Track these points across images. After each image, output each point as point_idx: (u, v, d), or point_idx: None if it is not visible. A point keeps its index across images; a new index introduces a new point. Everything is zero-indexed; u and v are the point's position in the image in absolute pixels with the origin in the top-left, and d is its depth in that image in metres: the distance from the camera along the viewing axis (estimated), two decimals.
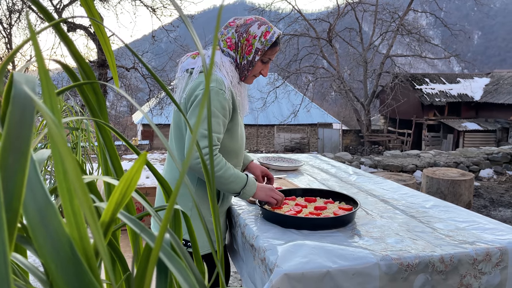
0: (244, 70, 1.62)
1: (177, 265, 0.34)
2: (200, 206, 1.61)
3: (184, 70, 1.63)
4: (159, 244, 0.26)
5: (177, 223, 0.61)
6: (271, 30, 1.59)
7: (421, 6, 20.53)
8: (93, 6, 0.64)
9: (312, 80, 19.98)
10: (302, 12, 19.68)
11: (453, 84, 20.36)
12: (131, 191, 0.32)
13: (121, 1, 13.15)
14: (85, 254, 0.31)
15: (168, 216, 0.26)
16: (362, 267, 1.23)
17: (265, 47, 1.58)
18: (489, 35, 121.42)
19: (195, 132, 0.26)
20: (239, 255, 1.71)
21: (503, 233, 1.48)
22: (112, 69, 0.72)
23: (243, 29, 1.57)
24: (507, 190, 5.91)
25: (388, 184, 2.20)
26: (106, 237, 0.37)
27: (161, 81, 0.56)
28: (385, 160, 6.61)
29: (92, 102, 0.51)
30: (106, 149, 0.54)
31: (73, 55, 0.50)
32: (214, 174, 1.56)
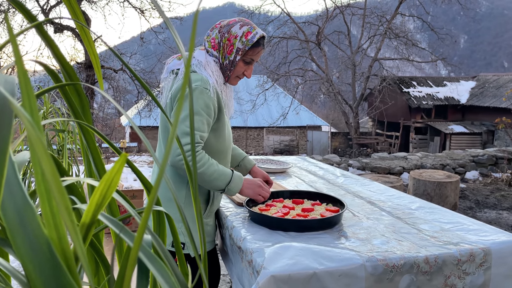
0: (227, 70, 1.63)
1: (158, 267, 0.34)
2: (190, 207, 1.60)
3: (169, 71, 1.63)
4: (138, 244, 0.26)
5: (161, 225, 0.60)
6: (253, 31, 1.60)
7: (408, 10, 20.81)
8: (77, 7, 0.63)
9: (301, 82, 20.07)
10: (291, 15, 19.78)
11: (440, 87, 20.65)
12: (112, 192, 0.32)
13: (109, 2, 13.05)
14: (64, 255, 0.31)
15: (146, 217, 0.26)
16: (348, 268, 1.24)
17: (246, 47, 1.58)
18: (475, 39, 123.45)
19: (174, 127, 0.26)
20: (229, 257, 1.71)
21: (487, 234, 1.50)
22: (97, 70, 0.71)
23: (226, 29, 1.59)
24: (492, 192, 6.00)
25: (375, 186, 2.22)
26: (87, 239, 0.37)
27: (146, 85, 0.56)
28: (373, 162, 6.67)
29: (75, 103, 0.51)
30: (89, 151, 0.54)
31: (55, 56, 0.50)
32: (196, 171, 1.54)
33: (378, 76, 19.28)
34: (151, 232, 0.38)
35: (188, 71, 0.26)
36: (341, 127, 26.11)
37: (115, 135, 21.44)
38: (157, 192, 0.29)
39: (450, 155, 7.48)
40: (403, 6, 19.66)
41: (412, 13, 20.67)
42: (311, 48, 19.31)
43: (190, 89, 0.31)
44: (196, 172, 0.40)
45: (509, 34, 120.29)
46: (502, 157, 7.29)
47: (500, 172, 7.03)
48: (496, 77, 20.56)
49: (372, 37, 19.74)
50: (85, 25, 0.63)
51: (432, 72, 50.41)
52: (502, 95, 16.88)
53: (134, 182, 5.84)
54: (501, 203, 5.45)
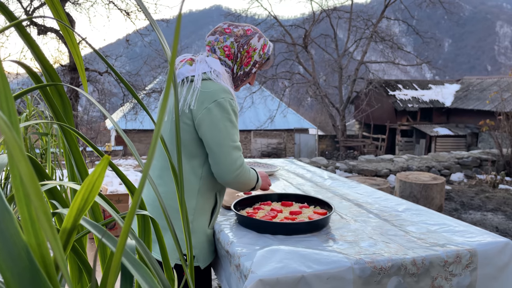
0: (238, 80, 1.62)
1: (142, 272, 0.33)
2: (199, 217, 1.56)
3: (182, 78, 1.53)
4: (121, 249, 0.25)
5: (147, 230, 0.59)
6: (267, 43, 1.63)
7: (394, 14, 21.08)
8: (60, 8, 0.62)
9: (288, 85, 20.15)
10: (278, 18, 19.86)
11: (425, 90, 20.94)
12: (94, 196, 0.31)
13: (94, 4, 12.91)
14: (44, 262, 0.29)
15: (129, 221, 0.25)
16: (336, 271, 1.24)
17: (263, 60, 1.62)
18: (459, 43, 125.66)
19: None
20: (218, 261, 1.69)
21: (473, 235, 1.52)
22: (81, 72, 0.70)
23: (244, 41, 1.56)
24: (476, 194, 6.09)
25: (362, 188, 2.23)
26: (69, 244, 0.35)
27: (132, 90, 0.55)
28: (360, 164, 6.71)
29: (56, 105, 0.50)
30: (72, 154, 0.53)
31: (36, 56, 0.48)
32: (247, 180, 1.53)
33: (364, 79, 19.47)
34: (135, 237, 0.37)
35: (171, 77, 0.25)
36: (328, 130, 26.26)
37: (100, 138, 21.20)
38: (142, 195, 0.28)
39: (436, 157, 7.58)
40: (388, 10, 19.92)
41: (397, 17, 20.95)
42: (298, 51, 19.41)
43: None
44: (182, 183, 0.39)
45: (492, 38, 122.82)
46: (486, 159, 7.42)
47: (484, 174, 7.14)
48: (479, 80, 20.95)
49: (358, 40, 19.94)
50: (69, 25, 0.61)
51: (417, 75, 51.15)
52: (486, 98, 17.19)
53: (120, 186, 5.77)
54: (485, 204, 5.53)
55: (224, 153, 1.46)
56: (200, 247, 1.56)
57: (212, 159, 1.48)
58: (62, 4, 12.11)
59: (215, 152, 1.47)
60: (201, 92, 1.47)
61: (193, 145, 1.51)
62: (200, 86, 1.48)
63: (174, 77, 0.36)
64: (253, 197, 1.84)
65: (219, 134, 1.45)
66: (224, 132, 1.45)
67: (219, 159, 1.46)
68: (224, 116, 1.46)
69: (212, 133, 1.45)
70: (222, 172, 1.47)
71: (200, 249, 1.56)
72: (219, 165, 1.47)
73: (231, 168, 1.47)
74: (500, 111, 7.66)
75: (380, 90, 19.45)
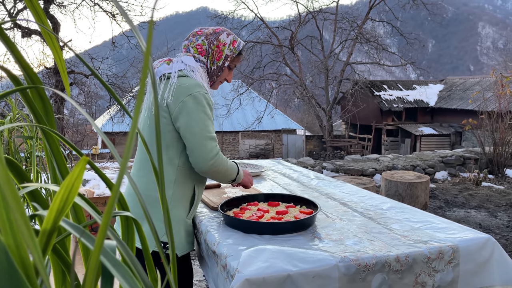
0: (214, 75, 1.73)
1: (123, 272, 0.33)
2: (176, 207, 1.62)
3: (160, 75, 1.66)
4: (99, 248, 0.26)
5: (130, 229, 0.59)
6: (237, 40, 1.76)
7: (378, 15, 21.35)
8: (41, 11, 0.62)
9: (275, 87, 20.21)
10: (265, 20, 19.92)
11: (410, 91, 21.22)
12: (73, 197, 0.32)
13: (79, 6, 12.76)
14: (23, 264, 0.30)
15: (106, 221, 0.26)
16: (321, 269, 1.25)
17: (234, 54, 1.73)
18: (442, 44, 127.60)
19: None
20: (205, 262, 1.69)
21: (455, 232, 1.55)
22: (63, 75, 0.70)
23: (213, 37, 1.70)
24: (460, 191, 6.20)
25: (348, 187, 2.25)
26: (49, 246, 0.36)
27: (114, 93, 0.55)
28: (346, 164, 6.77)
29: (37, 108, 0.50)
30: (53, 156, 0.53)
31: (16, 59, 0.48)
32: (224, 169, 1.59)
33: (350, 80, 19.65)
34: (115, 236, 0.37)
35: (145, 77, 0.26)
36: (316, 130, 26.40)
37: (87, 141, 20.96)
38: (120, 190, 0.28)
39: (420, 156, 7.69)
40: (373, 11, 20.14)
41: (382, 19, 21.22)
42: (284, 53, 19.49)
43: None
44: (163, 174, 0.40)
45: (474, 39, 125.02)
46: (469, 157, 7.55)
47: (467, 172, 7.27)
48: (462, 80, 21.31)
49: (344, 41, 20.12)
50: (50, 30, 0.61)
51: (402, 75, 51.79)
52: (469, 97, 17.50)
53: (107, 189, 5.71)
54: (469, 202, 5.63)
55: (200, 142, 1.55)
56: (175, 236, 1.64)
57: (189, 149, 1.57)
58: (47, 6, 11.95)
59: (191, 142, 1.56)
60: (177, 87, 1.58)
61: (169, 137, 1.60)
62: (176, 82, 1.59)
63: (154, 77, 0.37)
64: (240, 197, 1.85)
65: (194, 124, 1.55)
66: (199, 123, 1.55)
67: (195, 148, 1.55)
68: (199, 108, 1.56)
69: (188, 124, 1.55)
70: (198, 161, 1.56)
71: (175, 237, 1.64)
72: (195, 154, 1.56)
73: (207, 156, 1.55)
74: (482, 110, 7.82)
75: (365, 91, 19.64)
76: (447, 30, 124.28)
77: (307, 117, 28.82)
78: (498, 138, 7.41)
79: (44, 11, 8.53)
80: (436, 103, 20.36)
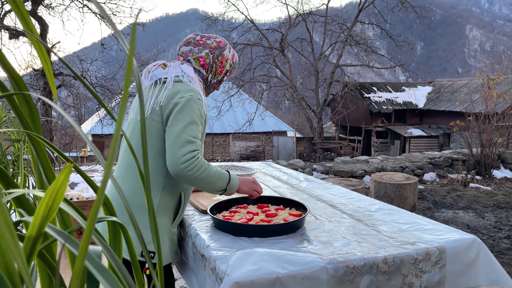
0: (211, 88, 1.78)
1: (108, 278, 0.34)
2: (161, 215, 1.60)
3: (155, 80, 1.65)
4: (83, 254, 0.26)
5: (117, 235, 0.60)
6: (235, 54, 1.82)
7: (368, 18, 21.51)
8: (27, 15, 0.62)
9: (266, 89, 20.25)
10: (255, 22, 19.96)
11: (399, 93, 21.43)
12: (58, 203, 0.32)
13: (68, 7, 12.66)
14: (7, 270, 0.30)
15: (91, 225, 0.26)
16: (310, 272, 1.26)
17: (232, 70, 1.82)
18: (430, 46, 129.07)
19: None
20: (188, 267, 1.69)
21: (442, 233, 1.57)
22: (49, 78, 0.70)
23: (219, 52, 1.72)
24: (448, 192, 6.28)
25: (337, 189, 2.27)
26: (34, 252, 0.36)
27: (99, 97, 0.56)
28: (336, 166, 6.81)
29: (23, 113, 0.50)
30: (39, 161, 0.53)
31: (1, 63, 0.48)
32: (201, 177, 1.49)
33: (340, 82, 19.78)
34: (101, 241, 0.38)
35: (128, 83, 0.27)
36: (306, 132, 26.50)
37: (76, 143, 20.75)
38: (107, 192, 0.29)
39: (409, 157, 7.76)
40: (362, 14, 20.31)
41: (371, 21, 21.40)
42: (275, 55, 19.54)
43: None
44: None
45: (462, 41, 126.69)
46: (457, 158, 7.65)
47: (455, 173, 7.36)
48: (450, 82, 21.58)
49: (334, 44, 20.26)
50: (37, 36, 0.61)
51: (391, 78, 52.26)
52: (457, 99, 17.71)
53: None
54: (457, 203, 5.70)
55: (175, 143, 1.50)
56: (162, 244, 1.62)
57: (166, 148, 1.53)
58: (35, 8, 11.83)
59: (168, 140, 1.52)
60: (171, 91, 1.58)
61: (159, 143, 1.58)
62: (172, 87, 1.60)
63: (139, 80, 0.37)
64: (230, 200, 1.85)
65: (176, 124, 1.52)
66: (181, 124, 1.51)
67: (168, 148, 1.51)
68: (187, 110, 1.53)
69: (172, 123, 1.53)
70: (169, 162, 1.51)
71: (162, 245, 1.62)
72: (167, 154, 1.52)
73: (178, 159, 1.48)
74: (469, 112, 7.93)
75: (355, 93, 19.78)
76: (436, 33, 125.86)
77: (298, 119, 28.92)
78: (485, 139, 7.52)
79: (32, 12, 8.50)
80: (425, 105, 20.59)
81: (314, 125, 20.27)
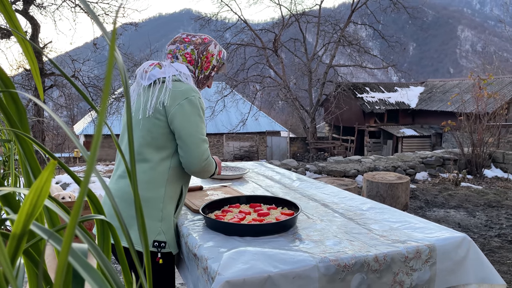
0: (200, 83, 1.82)
1: (94, 275, 0.34)
2: (168, 205, 1.64)
3: (154, 79, 1.69)
4: (66, 249, 0.26)
5: (105, 233, 0.60)
6: (222, 50, 1.86)
7: (360, 18, 21.61)
8: (13, 13, 0.62)
9: (259, 89, 20.27)
10: (248, 22, 19.97)
11: (391, 93, 21.56)
12: (42, 200, 0.32)
13: (60, 7, 12.56)
14: None
15: (74, 220, 0.26)
16: (301, 270, 1.27)
17: (220, 65, 1.84)
18: (423, 47, 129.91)
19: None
20: (185, 265, 1.69)
21: (432, 231, 1.58)
22: (36, 79, 0.69)
23: (203, 48, 1.76)
24: (440, 192, 6.32)
25: (329, 188, 2.28)
26: (19, 249, 0.36)
27: (86, 97, 0.56)
28: (329, 166, 6.83)
29: (10, 113, 0.50)
30: (27, 160, 0.53)
31: None
32: (210, 169, 1.68)
33: (333, 82, 19.85)
34: (87, 239, 0.38)
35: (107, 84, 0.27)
36: (300, 132, 26.55)
37: (68, 144, 20.61)
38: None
39: (401, 157, 7.81)
40: (355, 14, 20.40)
41: (364, 22, 21.49)
42: (268, 55, 19.56)
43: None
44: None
45: (454, 42, 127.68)
46: (448, 158, 7.71)
47: (447, 173, 7.42)
48: (442, 83, 21.75)
49: (327, 44, 20.33)
50: (24, 36, 0.61)
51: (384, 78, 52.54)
52: (448, 99, 17.85)
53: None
54: (448, 202, 5.75)
55: (194, 143, 1.62)
56: (170, 233, 1.66)
57: (183, 150, 1.64)
58: (26, 7, 11.73)
59: (187, 143, 1.62)
60: (172, 91, 1.64)
61: (163, 138, 1.66)
62: (172, 86, 1.65)
63: (126, 79, 0.37)
64: (222, 200, 1.85)
65: (190, 126, 1.62)
66: (195, 125, 1.62)
67: (190, 149, 1.62)
68: (195, 111, 1.63)
69: (184, 126, 1.61)
70: (192, 161, 1.63)
71: (170, 235, 1.66)
72: (189, 154, 1.63)
73: (201, 158, 1.63)
74: (461, 112, 7.99)
75: (348, 93, 19.86)
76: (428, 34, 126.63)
77: (291, 119, 28.96)
78: (476, 139, 7.59)
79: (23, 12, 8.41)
80: (417, 105, 20.73)
81: (307, 125, 20.32)
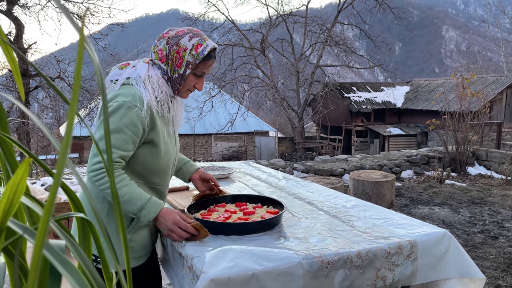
0: (176, 84, 1.55)
1: (71, 270, 0.35)
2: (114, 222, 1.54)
3: (109, 81, 1.55)
4: (40, 243, 0.27)
5: (86, 232, 0.60)
6: (204, 43, 1.52)
7: (347, 19, 21.79)
8: None
9: (247, 89, 20.29)
10: (236, 23, 19.98)
11: (378, 92, 21.78)
12: (19, 197, 0.33)
13: (44, 7, 12.41)
14: None
15: (48, 210, 0.27)
16: (286, 267, 1.28)
17: (196, 61, 1.51)
18: (408, 47, 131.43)
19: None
20: (170, 265, 1.69)
21: (414, 227, 1.61)
22: (16, 77, 0.70)
23: (174, 41, 1.51)
24: (425, 189, 6.42)
25: (315, 187, 2.30)
26: None
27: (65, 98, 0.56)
28: (316, 165, 6.88)
29: None
30: (7, 160, 0.53)
31: None
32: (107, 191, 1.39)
33: (320, 82, 19.97)
34: (66, 236, 0.39)
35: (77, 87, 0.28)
36: (288, 132, 26.65)
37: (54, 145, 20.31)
38: (59, 184, 0.30)
39: (387, 156, 7.91)
40: (341, 15, 20.56)
41: (350, 22, 21.68)
42: (256, 55, 19.60)
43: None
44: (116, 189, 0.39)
45: (439, 42, 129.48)
46: (433, 156, 7.83)
47: (432, 171, 7.53)
48: (428, 82, 22.05)
49: (314, 44, 20.45)
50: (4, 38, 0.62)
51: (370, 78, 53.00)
52: (433, 98, 18.11)
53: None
54: (433, 199, 5.84)
55: (92, 150, 1.42)
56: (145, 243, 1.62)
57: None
58: (10, 8, 11.55)
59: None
60: (111, 96, 1.48)
61: None
62: (118, 90, 1.48)
63: (102, 81, 0.39)
64: (208, 200, 1.86)
65: (98, 131, 1.44)
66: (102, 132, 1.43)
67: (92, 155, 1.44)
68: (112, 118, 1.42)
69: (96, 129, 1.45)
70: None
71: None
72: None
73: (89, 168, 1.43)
74: (445, 111, 8.12)
75: (335, 93, 20.01)
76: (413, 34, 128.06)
77: (280, 119, 29.05)
78: (460, 137, 7.72)
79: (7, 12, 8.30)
80: (403, 104, 20.98)
81: (295, 125, 20.41)
